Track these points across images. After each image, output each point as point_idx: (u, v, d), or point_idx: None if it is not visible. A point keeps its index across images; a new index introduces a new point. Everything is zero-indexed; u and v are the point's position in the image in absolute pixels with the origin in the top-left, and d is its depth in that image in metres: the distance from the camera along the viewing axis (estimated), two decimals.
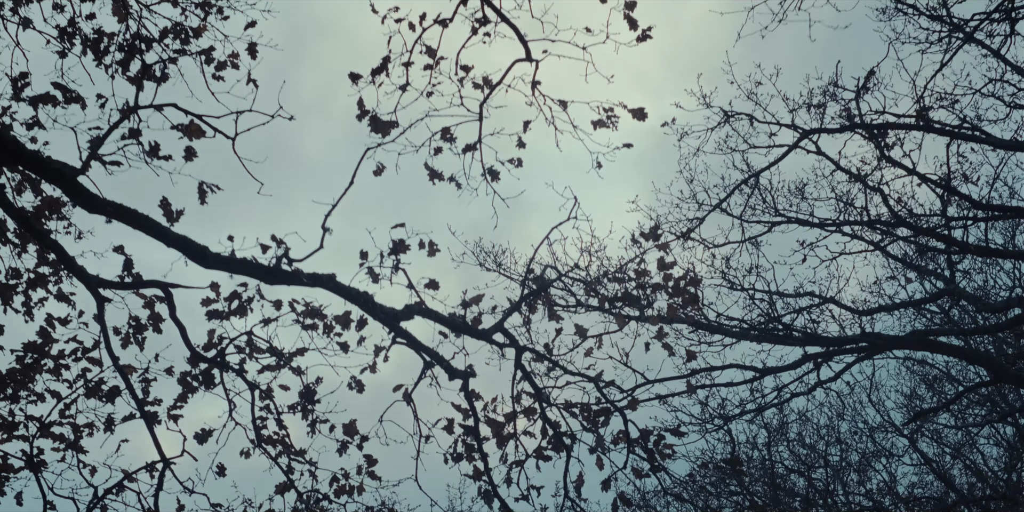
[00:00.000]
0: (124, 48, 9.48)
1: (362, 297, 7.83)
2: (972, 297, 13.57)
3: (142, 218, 7.42)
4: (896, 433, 19.05)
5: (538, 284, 8.78)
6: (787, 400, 14.52)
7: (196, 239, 7.58)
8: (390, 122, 8.90)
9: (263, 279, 7.78)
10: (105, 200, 7.35)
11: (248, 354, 8.94)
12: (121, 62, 9.41)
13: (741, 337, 13.18)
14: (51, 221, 8.55)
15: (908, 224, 12.97)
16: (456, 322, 8.25)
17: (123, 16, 9.48)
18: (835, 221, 13.58)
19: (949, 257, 13.59)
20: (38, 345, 8.83)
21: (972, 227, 12.93)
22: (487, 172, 9.23)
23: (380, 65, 8.84)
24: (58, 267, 8.75)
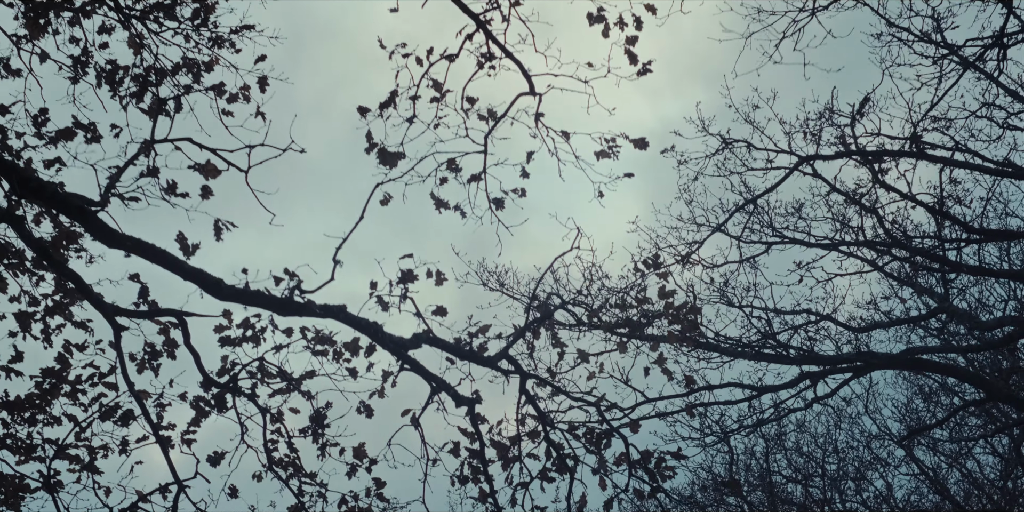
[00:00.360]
0: (138, 80, 9.76)
1: (372, 327, 8.08)
2: (965, 315, 13.82)
3: (159, 253, 7.67)
4: (893, 444, 19.30)
5: (542, 311, 9.03)
6: (784, 415, 14.77)
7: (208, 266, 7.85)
8: (397, 153, 9.16)
9: (276, 310, 8.04)
10: (124, 235, 7.61)
11: (260, 379, 9.19)
12: (135, 94, 9.68)
13: (739, 356, 13.43)
14: (68, 251, 8.78)
15: (903, 245, 13.23)
16: (462, 350, 8.51)
17: (137, 48, 9.76)
18: (831, 241, 13.83)
19: (943, 275, 13.84)
20: (56, 371, 9.07)
21: (965, 248, 13.20)
22: (492, 202, 9.49)
23: (388, 99, 9.10)
24: (75, 295, 8.98)
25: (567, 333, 11.91)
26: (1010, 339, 13.12)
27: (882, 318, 14.77)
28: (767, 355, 13.44)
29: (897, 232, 13.22)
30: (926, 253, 12.99)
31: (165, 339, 8.96)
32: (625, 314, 9.19)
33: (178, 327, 8.71)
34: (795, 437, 21.23)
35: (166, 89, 9.54)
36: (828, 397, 14.06)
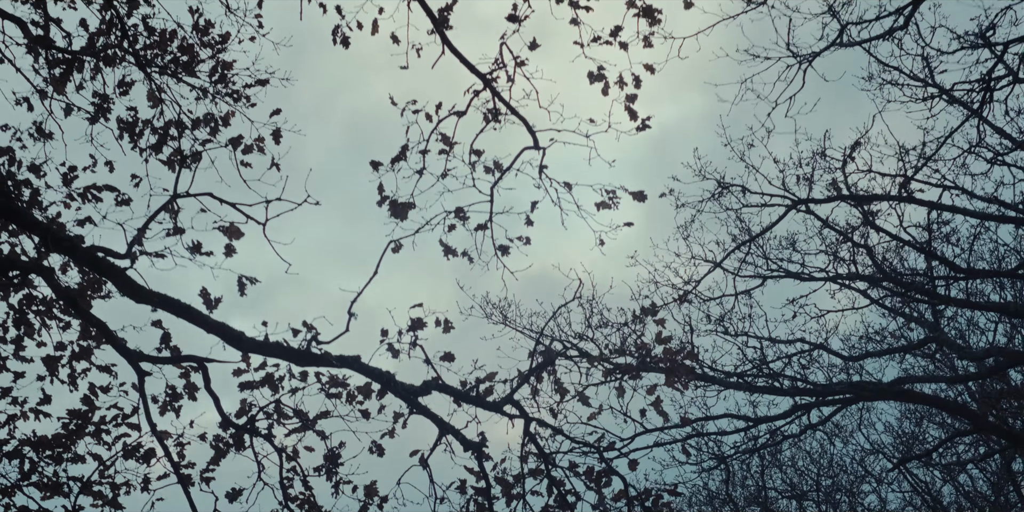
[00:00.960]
0: (158, 132, 10.22)
1: (384, 376, 8.52)
2: (955, 345, 14.26)
3: (184, 308, 8.11)
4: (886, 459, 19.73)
5: (544, 357, 9.47)
6: (779, 441, 15.21)
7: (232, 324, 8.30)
8: (408, 204, 9.62)
9: (295, 361, 8.48)
10: (151, 291, 8.05)
11: (276, 420, 9.63)
12: (154, 146, 10.14)
13: (733, 387, 13.86)
14: (94, 299, 9.22)
15: (893, 279, 13.67)
16: (469, 396, 8.94)
17: (156, 101, 10.23)
18: (825, 272, 14.28)
19: (933, 307, 14.28)
20: (82, 412, 9.52)
21: (954, 283, 13.63)
22: (497, 249, 9.93)
23: (399, 154, 9.53)
24: (100, 341, 9.43)
25: (568, 377, 12.34)
26: (997, 369, 13.56)
27: (874, 346, 15.22)
28: (761, 387, 13.87)
29: (887, 266, 13.66)
30: (916, 287, 13.42)
31: (186, 382, 9.40)
32: (624, 359, 9.63)
33: (198, 371, 9.16)
34: (790, 453, 21.66)
35: (185, 142, 10.01)
36: (822, 424, 14.51)
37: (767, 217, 13.76)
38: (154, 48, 10.17)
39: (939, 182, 13.66)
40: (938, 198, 13.46)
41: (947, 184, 13.63)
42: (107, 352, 9.70)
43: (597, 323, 13.18)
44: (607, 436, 10.51)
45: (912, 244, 13.26)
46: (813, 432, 16.16)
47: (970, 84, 12.76)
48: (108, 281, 8.15)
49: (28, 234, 8.12)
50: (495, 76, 9.52)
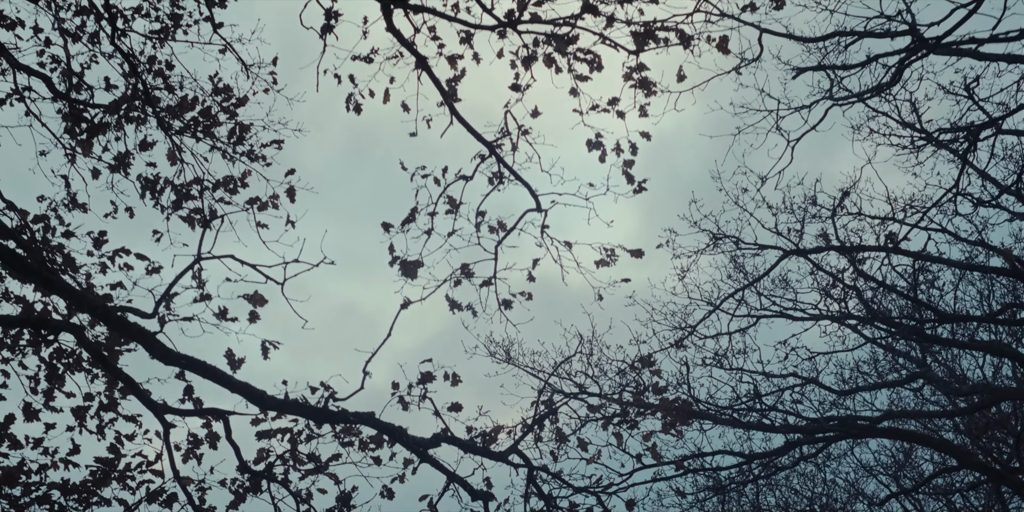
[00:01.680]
0: (177, 189, 10.80)
1: (397, 431, 9.07)
2: (942, 381, 14.81)
3: (210, 369, 8.66)
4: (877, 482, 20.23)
5: (547, 406, 10.03)
6: (773, 473, 15.75)
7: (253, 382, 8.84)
8: (416, 262, 10.18)
9: (313, 418, 9.03)
10: (179, 354, 8.60)
11: (291, 465, 10.17)
12: (175, 203, 10.71)
13: (728, 424, 14.39)
14: (121, 355, 9.76)
15: (882, 320, 14.21)
16: (476, 447, 9.49)
17: (175, 160, 10.80)
18: (818, 310, 14.83)
19: (921, 344, 14.82)
20: (108, 460, 10.05)
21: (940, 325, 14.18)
22: (501, 303, 10.49)
23: (408, 216, 10.10)
24: (127, 393, 9.97)
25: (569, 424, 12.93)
26: (981, 405, 14.09)
27: (864, 381, 15.76)
28: (754, 424, 14.41)
29: (877, 305, 14.22)
30: (904, 328, 13.94)
31: (208, 432, 9.94)
32: (622, 408, 10.18)
33: (219, 420, 9.70)
34: (785, 473, 22.16)
35: (205, 200, 10.57)
36: (813, 456, 15.04)
37: (762, 259, 14.33)
38: (175, 111, 10.74)
39: (926, 225, 14.22)
40: (924, 245, 14.02)
41: (933, 227, 14.19)
42: (132, 402, 10.24)
43: (596, 373, 13.75)
44: (607, 473, 11.07)
45: (898, 291, 13.82)
46: (806, 463, 16.70)
47: (955, 132, 13.32)
48: (138, 344, 8.68)
49: (64, 299, 8.66)
50: (500, 143, 10.09)
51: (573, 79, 10.06)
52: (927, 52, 11.87)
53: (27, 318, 9.42)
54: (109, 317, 8.40)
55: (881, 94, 13.00)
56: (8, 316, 9.55)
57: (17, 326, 9.44)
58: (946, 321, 13.60)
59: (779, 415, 14.70)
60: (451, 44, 10.24)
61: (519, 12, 9.69)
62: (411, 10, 9.57)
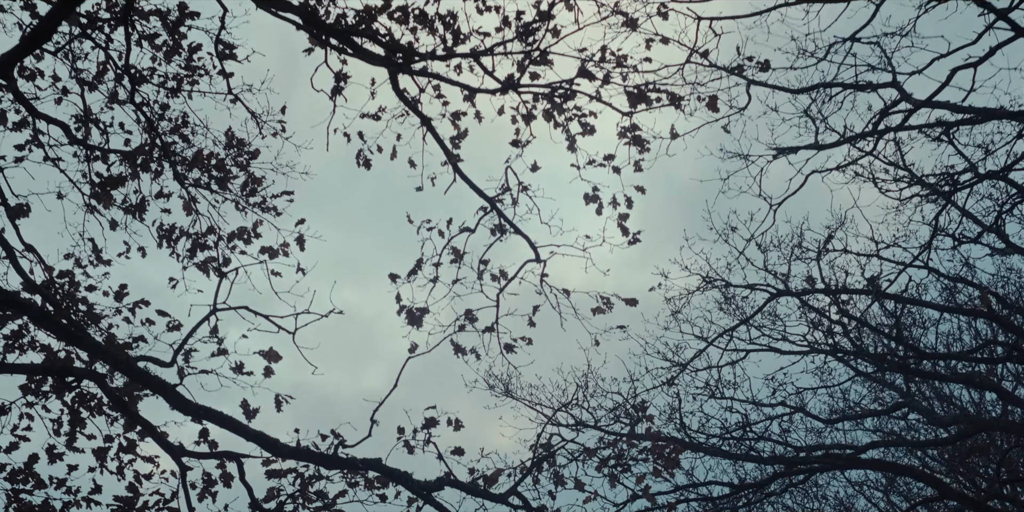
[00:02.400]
0: (191, 237, 11.30)
1: (403, 476, 9.57)
2: (925, 410, 15.34)
3: (226, 419, 9.15)
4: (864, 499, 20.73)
5: (545, 449, 10.53)
6: (762, 499, 16.25)
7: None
8: (423, 310, 10.69)
9: (324, 465, 9.53)
10: (197, 405, 9.10)
11: (301, 503, 10.67)
12: (190, 250, 11.23)
13: (719, 455, 14.91)
14: (140, 401, 10.25)
15: (868, 355, 14.74)
16: (477, 490, 9.99)
17: (190, 210, 11.31)
18: (808, 343, 15.34)
19: (906, 377, 15.35)
20: (128, 498, 10.54)
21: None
22: (503, 348, 11.00)
23: (414, 267, 10.61)
24: (145, 436, 10.46)
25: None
26: (963, 435, 14.62)
27: (849, 410, 16.28)
28: (742, 455, 14.93)
29: (862, 337, 14.75)
30: (889, 362, 14.45)
31: (222, 472, 10.44)
32: (618, 450, 10.69)
33: (233, 461, 10.20)
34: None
35: (219, 250, 11.08)
36: (801, 483, 15.57)
37: (752, 297, 14.85)
38: (190, 164, 11.24)
39: (909, 262, 14.75)
40: (906, 284, 14.56)
41: (916, 264, 14.72)
42: (150, 444, 10.73)
43: (592, 406, 14.27)
44: (603, 503, 11.57)
45: (882, 333, 14.35)
46: (794, 490, 17.21)
47: (935, 177, 13.87)
48: (158, 395, 9.17)
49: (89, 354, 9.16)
50: (501, 198, 10.60)
51: (570, 136, 10.57)
52: (912, 109, 12.42)
53: (51, 366, 9.90)
54: (132, 371, 8.90)
55: (865, 139, 13.53)
56: (34, 364, 10.05)
57: (42, 374, 9.93)
58: (927, 359, 14.13)
59: (768, 445, 15.24)
60: (455, 101, 10.75)
61: (519, 74, 10.21)
62: (416, 74, 10.08)
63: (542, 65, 10.16)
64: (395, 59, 9.94)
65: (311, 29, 9.94)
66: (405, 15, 10.31)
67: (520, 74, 10.20)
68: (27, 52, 8.68)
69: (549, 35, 10.20)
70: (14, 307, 8.90)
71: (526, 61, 10.14)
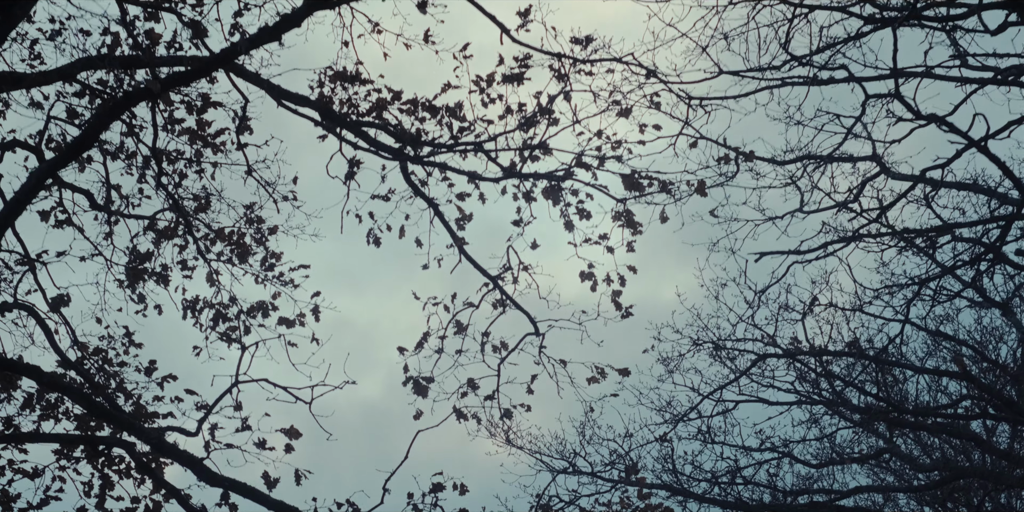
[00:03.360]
0: (214, 307, 12.06)
1: None
2: (907, 457, 16.09)
3: (250, 490, 9.89)
4: None
5: (544, 511, 11.30)
6: None
7: None
8: (428, 379, 11.44)
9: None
10: (223, 477, 9.84)
11: None
12: (213, 320, 11.99)
13: (708, 502, 15.63)
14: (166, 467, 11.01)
15: (852, 407, 15.49)
16: None
17: (212, 282, 12.08)
18: (796, 392, 16.09)
19: (888, 426, 16.09)
20: None
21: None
22: (503, 413, 11.75)
23: (420, 341, 11.37)
24: (170, 498, 11.21)
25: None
26: (943, 482, 15.36)
27: (835, 456, 17.03)
28: (730, 503, 15.67)
29: (842, 398, 15.53)
30: (872, 413, 15.19)
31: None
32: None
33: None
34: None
35: (239, 322, 11.85)
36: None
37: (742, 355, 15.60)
38: (212, 239, 12.00)
39: (892, 316, 15.53)
40: (889, 340, 15.34)
41: (898, 318, 15.48)
42: (175, 505, 11.46)
43: (587, 452, 15.04)
44: None
45: (863, 390, 15.12)
46: None
47: (916, 232, 14.64)
48: (187, 468, 9.92)
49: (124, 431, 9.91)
50: (503, 276, 11.37)
51: (567, 219, 11.32)
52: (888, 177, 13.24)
53: (84, 436, 10.68)
54: (163, 447, 9.65)
55: (847, 206, 14.32)
56: (68, 434, 10.84)
57: (75, 443, 10.68)
58: (906, 413, 14.88)
59: (756, 490, 15.97)
60: (459, 183, 11.46)
61: (521, 163, 10.98)
62: (424, 164, 10.86)
63: (542, 154, 10.93)
64: (405, 151, 10.70)
65: (326, 123, 10.71)
66: (414, 106, 11.09)
67: (521, 163, 10.97)
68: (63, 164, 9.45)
69: (548, 125, 10.98)
70: (56, 388, 9.65)
71: (527, 151, 10.91)
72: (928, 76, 12.89)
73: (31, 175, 8.91)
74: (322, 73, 11.06)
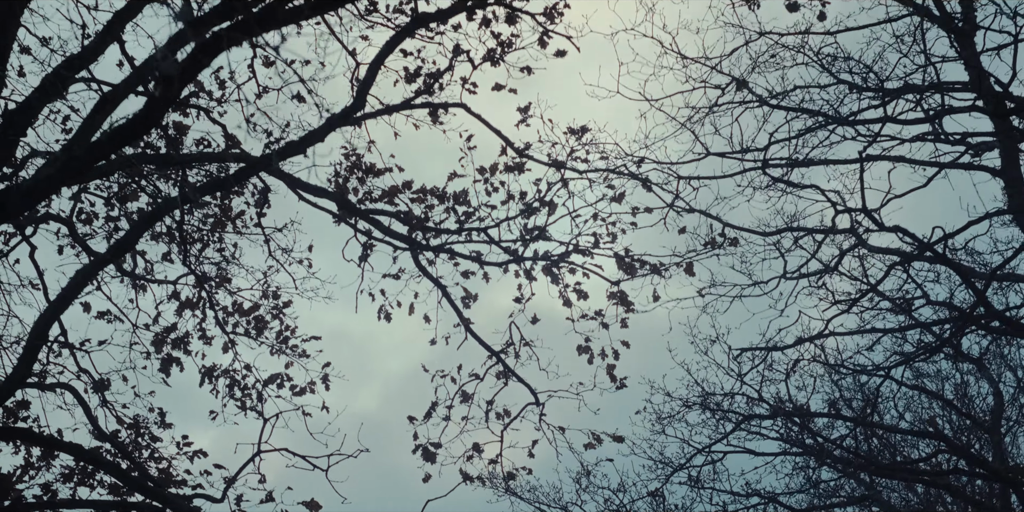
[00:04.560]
0: (230, 376, 12.91)
1: None
2: (888, 505, 16.95)
3: None
4: None
5: None
6: None
7: None
8: (436, 444, 12.29)
9: None
10: None
11: None
12: (229, 386, 12.84)
13: None
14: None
15: (833, 457, 16.32)
16: None
17: (227, 350, 12.93)
18: (782, 440, 16.93)
19: (869, 475, 16.94)
20: None
21: None
22: (506, 476, 12.61)
23: (428, 410, 12.22)
24: None
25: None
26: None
27: (820, 502, 17.85)
28: None
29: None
30: (856, 464, 16.00)
31: None
32: None
33: None
34: None
35: (256, 391, 12.69)
36: None
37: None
38: (231, 312, 12.84)
39: (873, 371, 16.37)
40: (864, 406, 16.22)
41: (879, 374, 16.33)
42: None
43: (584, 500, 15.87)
44: None
45: (842, 446, 15.98)
46: None
47: (894, 300, 15.54)
48: None
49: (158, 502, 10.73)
50: (505, 351, 12.23)
51: (565, 295, 12.20)
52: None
53: (117, 502, 11.49)
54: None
55: (827, 273, 15.22)
56: (102, 500, 11.64)
57: (109, 509, 11.48)
58: (883, 468, 15.71)
59: None
60: (464, 262, 12.33)
61: (523, 248, 11.88)
62: (434, 251, 11.73)
63: (542, 240, 11.82)
64: (414, 236, 11.57)
65: (342, 212, 11.57)
66: (423, 193, 11.97)
67: (523, 247, 11.85)
68: (105, 265, 10.29)
69: (548, 213, 11.89)
70: (94, 463, 10.48)
71: (528, 236, 11.80)
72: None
73: (77, 273, 9.71)
74: (338, 164, 11.95)
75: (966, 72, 13.34)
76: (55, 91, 7.83)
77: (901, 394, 17.24)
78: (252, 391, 12.68)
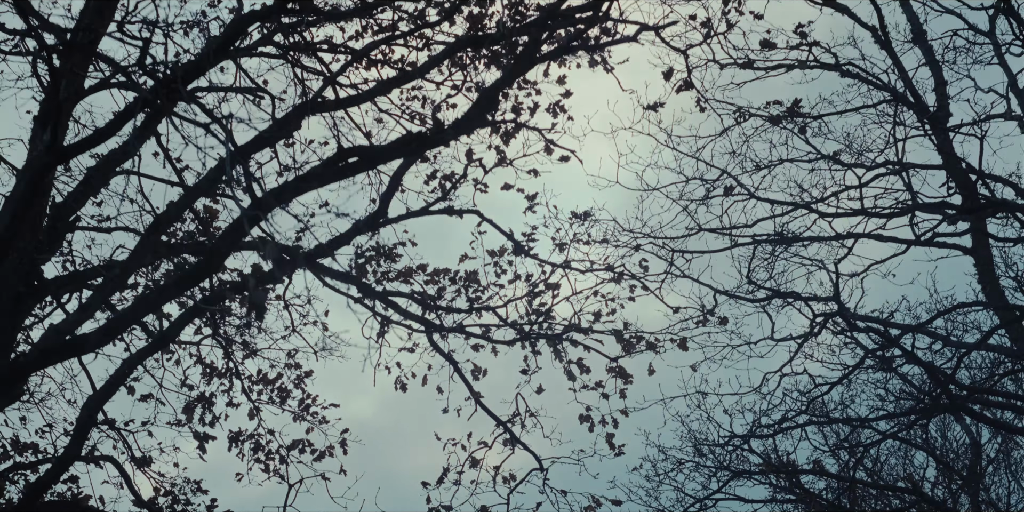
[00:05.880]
0: (254, 439, 13.80)
1: None
2: None
3: None
4: None
5: None
6: None
7: None
8: (448, 507, 13.19)
9: None
10: None
11: None
12: (252, 450, 13.72)
13: None
14: None
15: (820, 506, 17.28)
16: None
17: (252, 416, 13.83)
18: (766, 488, 17.92)
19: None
20: None
21: None
22: None
23: (440, 477, 13.11)
24: None
25: None
26: None
27: None
28: None
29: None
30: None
31: None
32: None
33: None
34: None
35: (279, 456, 13.59)
36: None
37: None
38: (255, 381, 13.75)
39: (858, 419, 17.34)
40: (849, 460, 17.19)
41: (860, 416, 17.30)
42: None
43: None
44: None
45: (826, 501, 16.95)
46: None
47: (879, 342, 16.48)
48: None
49: None
50: (513, 421, 13.15)
51: (568, 368, 13.11)
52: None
53: None
54: None
55: (811, 337, 16.19)
56: None
57: None
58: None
59: None
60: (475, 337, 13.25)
61: (529, 327, 12.80)
62: (447, 331, 12.66)
63: (546, 320, 12.76)
64: (430, 319, 12.50)
65: (362, 295, 12.49)
66: (437, 275, 12.90)
67: (530, 326, 12.78)
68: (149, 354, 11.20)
69: (552, 294, 12.84)
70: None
71: (534, 316, 12.74)
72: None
73: (124, 363, 10.60)
74: (359, 246, 12.87)
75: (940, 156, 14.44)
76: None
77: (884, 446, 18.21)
78: (276, 455, 13.58)
